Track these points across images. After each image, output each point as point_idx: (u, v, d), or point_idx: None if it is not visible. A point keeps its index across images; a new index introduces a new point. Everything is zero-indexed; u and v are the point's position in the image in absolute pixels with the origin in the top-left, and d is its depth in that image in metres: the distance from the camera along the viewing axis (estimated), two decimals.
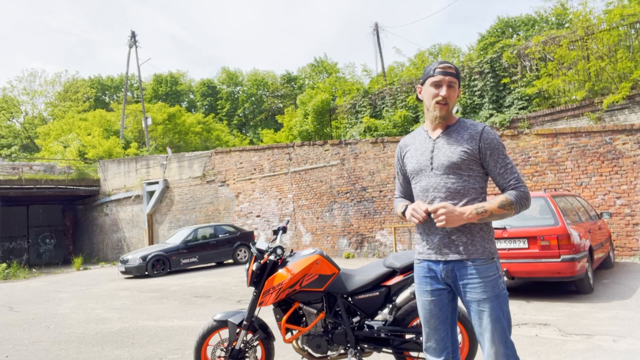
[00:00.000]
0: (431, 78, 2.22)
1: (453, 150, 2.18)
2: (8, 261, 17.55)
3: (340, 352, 3.39)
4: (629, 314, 5.12)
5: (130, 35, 30.36)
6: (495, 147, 2.18)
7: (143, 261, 13.04)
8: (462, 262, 2.15)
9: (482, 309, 2.11)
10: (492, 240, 2.20)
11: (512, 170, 2.17)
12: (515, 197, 2.11)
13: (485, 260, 2.14)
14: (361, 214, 13.63)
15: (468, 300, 2.15)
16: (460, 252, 2.15)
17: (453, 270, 2.17)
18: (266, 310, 4.19)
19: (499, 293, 2.12)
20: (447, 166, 2.17)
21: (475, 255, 2.14)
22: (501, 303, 2.12)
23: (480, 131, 2.20)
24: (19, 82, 42.17)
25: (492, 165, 2.19)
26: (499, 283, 2.14)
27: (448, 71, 2.19)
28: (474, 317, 2.15)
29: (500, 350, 2.09)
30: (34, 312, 8.08)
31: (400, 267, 3.29)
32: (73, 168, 23.11)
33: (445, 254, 2.18)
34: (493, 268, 2.14)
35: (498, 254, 2.23)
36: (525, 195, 2.13)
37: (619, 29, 11.17)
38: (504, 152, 2.19)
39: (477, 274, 2.12)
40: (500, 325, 2.10)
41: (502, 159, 2.18)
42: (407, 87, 15.84)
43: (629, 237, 9.26)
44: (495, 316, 2.10)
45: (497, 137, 2.20)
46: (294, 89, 44.42)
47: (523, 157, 10.65)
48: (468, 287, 2.14)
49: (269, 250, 3.36)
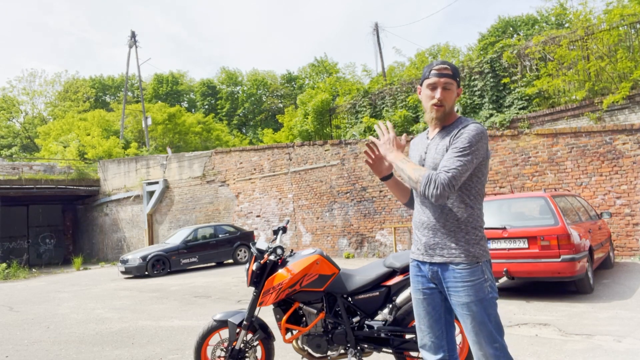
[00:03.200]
0: (427, 80, 2.19)
1: (438, 151, 2.15)
2: (8, 261, 17.53)
3: (340, 352, 3.39)
4: (629, 314, 5.12)
5: (130, 35, 30.41)
6: (462, 138, 2.06)
7: (143, 261, 13.05)
8: (446, 265, 2.13)
9: (467, 313, 2.09)
10: (480, 244, 2.14)
11: (454, 158, 2.02)
12: (428, 175, 2.01)
13: (469, 264, 2.09)
14: (361, 214, 13.63)
15: (453, 303, 2.14)
16: (443, 255, 2.14)
17: (438, 272, 2.17)
18: (266, 310, 4.18)
19: (484, 297, 2.08)
20: (433, 167, 2.14)
21: (458, 259, 2.10)
22: (486, 307, 2.08)
23: (463, 127, 2.11)
24: (18, 82, 42.27)
25: (447, 151, 2.08)
26: (484, 287, 2.09)
27: (443, 72, 2.15)
28: (460, 319, 2.14)
29: (489, 352, 2.07)
30: (34, 312, 8.08)
31: (400, 267, 3.29)
32: (73, 168, 23.11)
33: (430, 256, 2.18)
34: (478, 272, 2.09)
35: (488, 257, 2.17)
36: (436, 179, 1.98)
37: (619, 29, 11.16)
38: (465, 146, 2.03)
39: (461, 278, 2.09)
40: (485, 329, 2.07)
41: (457, 149, 2.04)
42: (407, 87, 15.84)
43: (629, 237, 9.26)
44: (480, 320, 2.07)
45: (472, 132, 2.07)
46: (294, 89, 44.43)
47: (523, 157, 10.65)
48: (452, 290, 2.12)
49: (269, 250, 3.36)
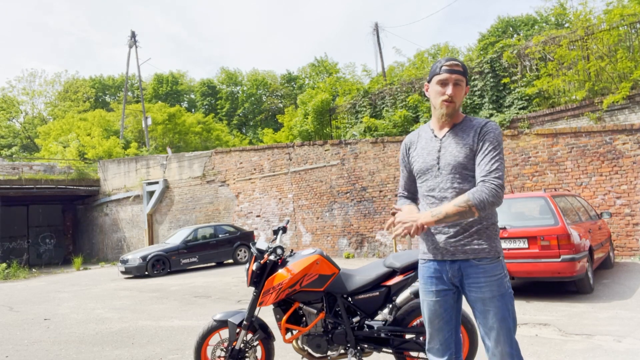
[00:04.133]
0: (437, 76, 2.18)
1: (460, 150, 2.15)
2: (8, 261, 17.53)
3: (340, 352, 3.39)
4: (629, 314, 5.12)
5: (130, 35, 30.39)
6: (488, 138, 2.10)
7: (143, 261, 13.05)
8: (469, 262, 2.13)
9: (488, 308, 2.09)
10: (498, 239, 2.19)
11: (492, 162, 2.05)
12: (474, 194, 2.01)
13: (491, 260, 2.12)
14: (361, 214, 13.63)
15: (474, 299, 2.13)
16: (466, 252, 2.13)
17: (459, 269, 2.15)
18: (266, 310, 4.18)
19: (505, 292, 2.10)
20: (454, 166, 2.14)
21: (482, 254, 2.12)
22: (507, 302, 2.10)
23: (482, 125, 2.16)
24: (18, 82, 42.31)
25: (479, 155, 2.11)
26: (505, 282, 2.12)
27: (455, 69, 2.15)
28: (479, 316, 2.13)
29: (506, 349, 2.08)
30: (34, 312, 8.08)
31: (400, 267, 3.29)
32: (73, 168, 23.11)
33: (452, 254, 2.16)
34: (499, 267, 2.13)
35: (503, 253, 2.22)
36: (489, 190, 2.00)
37: (619, 29, 11.16)
38: (495, 146, 2.08)
39: (484, 273, 2.10)
40: (506, 325, 2.08)
41: (489, 150, 2.08)
42: (407, 87, 15.83)
43: (629, 237, 9.26)
44: (501, 315, 2.08)
45: (495, 131, 2.13)
46: (294, 89, 44.41)
47: (523, 157, 10.65)
48: (474, 286, 2.12)
49: (269, 250, 3.35)
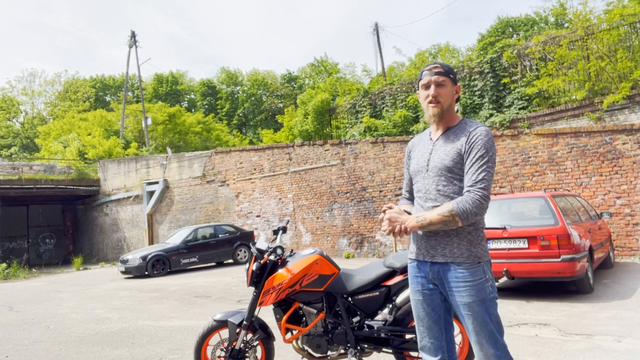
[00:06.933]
0: (420, 81, 2.25)
1: (447, 152, 2.15)
2: (8, 261, 17.52)
3: (340, 352, 3.39)
4: (629, 314, 5.12)
5: (130, 35, 30.36)
6: (477, 144, 2.06)
7: (143, 261, 13.05)
8: (447, 265, 2.13)
9: (468, 313, 2.09)
10: (481, 244, 2.14)
11: (478, 172, 2.02)
12: (458, 204, 2.00)
13: (470, 265, 2.09)
14: (361, 214, 13.63)
15: (455, 303, 2.14)
16: (445, 255, 2.13)
17: (439, 272, 2.16)
18: (266, 310, 4.18)
19: (486, 297, 2.08)
20: (440, 168, 2.15)
21: (460, 259, 2.10)
22: (488, 307, 2.08)
23: (471, 130, 2.12)
24: (18, 82, 42.32)
25: (467, 162, 2.08)
26: (486, 287, 2.09)
27: (434, 70, 2.20)
28: (462, 320, 2.14)
29: (490, 352, 2.07)
30: (34, 312, 8.08)
31: (400, 267, 3.29)
32: (73, 168, 23.10)
33: (431, 256, 2.17)
34: (479, 272, 2.09)
35: (489, 257, 2.17)
36: (472, 201, 1.98)
37: (619, 29, 11.16)
38: (482, 153, 2.04)
39: (463, 278, 2.09)
40: (487, 329, 2.07)
41: (477, 158, 2.04)
42: (407, 87, 15.84)
43: (629, 237, 9.26)
44: (482, 320, 2.07)
45: (485, 137, 2.07)
46: (294, 89, 44.42)
47: (523, 157, 10.66)
48: (454, 290, 2.12)
49: (269, 250, 3.35)
